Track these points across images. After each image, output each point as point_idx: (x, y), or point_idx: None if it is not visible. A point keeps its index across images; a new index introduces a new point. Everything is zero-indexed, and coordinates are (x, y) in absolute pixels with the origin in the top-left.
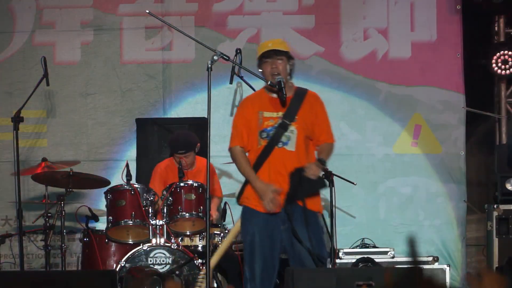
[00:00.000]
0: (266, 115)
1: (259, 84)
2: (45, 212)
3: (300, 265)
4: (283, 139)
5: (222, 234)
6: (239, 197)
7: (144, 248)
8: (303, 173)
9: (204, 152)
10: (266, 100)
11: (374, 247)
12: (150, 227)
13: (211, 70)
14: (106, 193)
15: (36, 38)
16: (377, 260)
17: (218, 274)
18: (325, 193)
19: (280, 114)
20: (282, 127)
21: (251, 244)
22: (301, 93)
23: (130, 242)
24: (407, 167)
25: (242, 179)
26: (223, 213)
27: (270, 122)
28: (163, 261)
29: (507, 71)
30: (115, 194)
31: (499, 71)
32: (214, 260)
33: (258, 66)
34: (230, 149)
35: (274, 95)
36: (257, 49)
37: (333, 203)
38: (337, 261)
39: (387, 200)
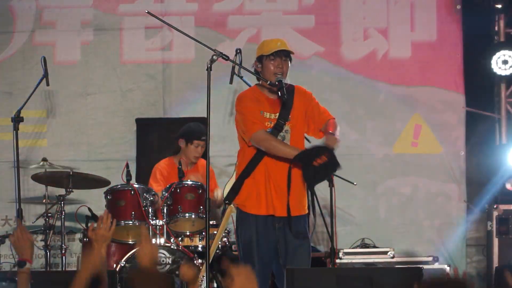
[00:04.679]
0: (266, 115)
1: None
2: (45, 212)
3: (293, 263)
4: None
5: (223, 234)
6: (231, 197)
7: None
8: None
9: (204, 152)
10: (264, 100)
11: (374, 247)
12: (150, 227)
13: (211, 70)
14: (106, 193)
15: (36, 38)
16: (377, 260)
17: (218, 274)
18: (325, 193)
19: (277, 115)
20: (278, 128)
21: (249, 245)
22: (290, 91)
23: (130, 242)
24: (407, 167)
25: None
26: (223, 213)
27: (268, 123)
28: (163, 261)
29: (507, 71)
30: (115, 194)
31: (499, 71)
32: (211, 250)
33: (258, 62)
34: (253, 136)
35: (270, 95)
36: (261, 45)
37: (333, 203)
38: (337, 261)
39: (387, 200)
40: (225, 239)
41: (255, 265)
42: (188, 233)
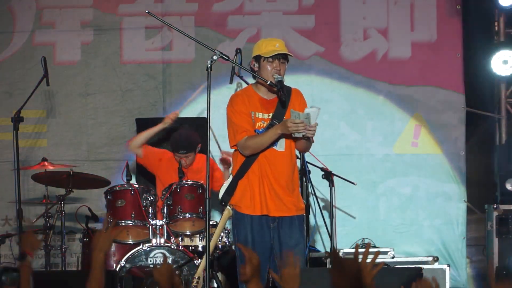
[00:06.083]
0: (258, 115)
1: None
2: (45, 212)
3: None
4: None
5: (222, 234)
6: (227, 199)
7: (144, 248)
8: None
9: (204, 152)
10: (256, 100)
11: (374, 247)
12: (150, 227)
13: (211, 70)
14: (106, 193)
15: (36, 38)
16: (377, 260)
17: (218, 274)
18: (325, 193)
19: (270, 115)
20: None
21: (245, 244)
22: (287, 92)
23: (130, 242)
24: (407, 167)
25: None
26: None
27: (261, 123)
28: (162, 261)
29: (507, 71)
30: (115, 194)
31: (499, 71)
32: (211, 246)
33: (255, 61)
34: (238, 144)
35: (265, 95)
36: (259, 44)
37: (333, 203)
38: None
39: (387, 200)
40: (224, 239)
41: None
42: (188, 233)
